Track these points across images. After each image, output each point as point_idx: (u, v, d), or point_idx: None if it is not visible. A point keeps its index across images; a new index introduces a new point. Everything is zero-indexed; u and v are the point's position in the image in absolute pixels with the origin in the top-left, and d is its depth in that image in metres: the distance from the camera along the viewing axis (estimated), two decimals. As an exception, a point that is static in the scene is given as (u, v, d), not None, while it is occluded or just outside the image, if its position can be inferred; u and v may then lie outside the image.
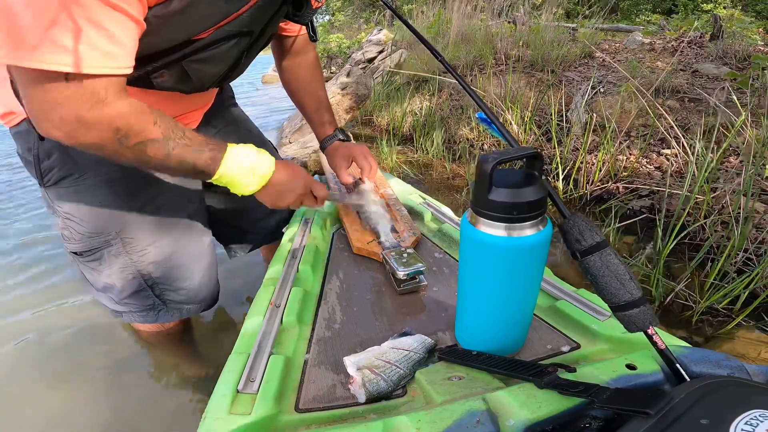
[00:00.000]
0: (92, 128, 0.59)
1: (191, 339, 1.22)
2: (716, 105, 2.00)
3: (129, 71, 0.59)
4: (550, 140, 2.18)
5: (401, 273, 0.78)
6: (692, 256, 1.39)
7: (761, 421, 0.33)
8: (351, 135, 1.21)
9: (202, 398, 1.05)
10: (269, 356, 0.62)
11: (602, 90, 2.46)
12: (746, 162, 1.60)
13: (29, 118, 0.61)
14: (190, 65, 0.73)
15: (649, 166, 2.01)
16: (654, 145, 2.12)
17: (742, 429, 0.33)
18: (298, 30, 1.03)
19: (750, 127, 1.74)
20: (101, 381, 1.12)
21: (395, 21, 5.90)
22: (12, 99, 0.74)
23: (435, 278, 0.85)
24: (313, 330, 0.72)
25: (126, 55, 0.58)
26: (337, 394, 0.59)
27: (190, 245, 0.98)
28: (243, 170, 0.74)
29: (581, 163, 2.00)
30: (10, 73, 0.71)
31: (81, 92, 0.56)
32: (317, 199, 0.90)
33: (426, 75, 3.08)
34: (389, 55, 3.94)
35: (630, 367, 0.51)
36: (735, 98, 1.89)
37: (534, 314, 0.68)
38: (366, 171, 1.02)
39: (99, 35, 0.53)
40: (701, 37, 3.12)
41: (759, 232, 1.38)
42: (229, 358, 0.62)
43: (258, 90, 5.64)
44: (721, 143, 1.74)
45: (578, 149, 2.11)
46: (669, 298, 1.29)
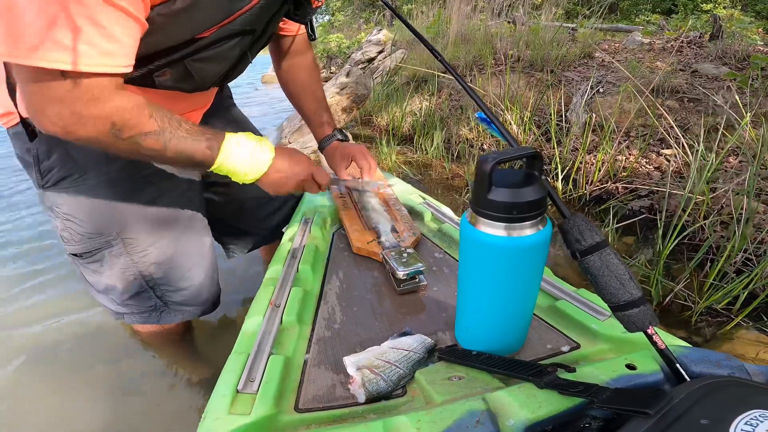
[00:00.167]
0: (88, 123, 0.60)
1: (191, 339, 1.22)
2: (721, 105, 1.99)
3: (128, 70, 0.60)
4: (550, 140, 2.18)
5: (401, 273, 0.78)
6: (691, 257, 1.39)
7: (761, 421, 0.33)
8: (350, 135, 1.21)
9: (202, 398, 1.06)
10: (269, 356, 0.62)
11: (601, 90, 2.46)
12: (749, 163, 1.60)
13: (27, 118, 0.61)
14: (193, 64, 0.73)
15: (649, 167, 2.01)
16: (653, 146, 2.12)
17: (742, 429, 0.33)
18: (297, 30, 1.03)
19: (750, 128, 1.74)
20: (101, 381, 1.12)
21: (395, 21, 5.90)
22: (9, 99, 0.74)
23: (435, 278, 0.85)
24: (313, 330, 0.72)
25: (125, 54, 0.58)
26: (337, 394, 0.59)
27: (191, 245, 0.98)
28: (242, 158, 0.74)
29: (581, 163, 2.01)
30: (7, 73, 0.71)
31: (78, 90, 0.56)
32: (319, 186, 0.89)
33: (426, 71, 3.07)
34: (389, 55, 3.94)
35: (630, 367, 0.51)
36: (737, 99, 1.89)
37: (534, 314, 0.68)
38: (365, 170, 1.02)
39: (98, 34, 0.53)
40: (701, 37, 3.12)
41: (758, 232, 1.39)
42: (229, 358, 0.62)
43: (258, 90, 5.64)
44: (722, 143, 1.74)
45: (578, 149, 2.11)
46: (668, 299, 1.29)
